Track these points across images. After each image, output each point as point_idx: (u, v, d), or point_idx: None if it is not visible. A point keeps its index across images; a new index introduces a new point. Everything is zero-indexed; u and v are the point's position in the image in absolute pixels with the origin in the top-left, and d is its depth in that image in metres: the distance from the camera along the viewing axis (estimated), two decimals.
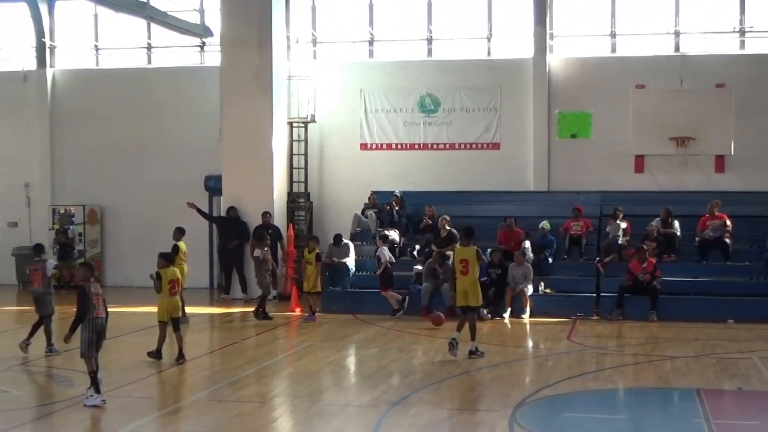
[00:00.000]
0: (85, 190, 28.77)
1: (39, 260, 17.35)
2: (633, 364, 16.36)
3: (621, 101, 25.50)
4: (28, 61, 29.27)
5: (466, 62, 26.94)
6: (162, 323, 16.23)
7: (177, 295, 16.54)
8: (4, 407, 13.07)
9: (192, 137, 27.94)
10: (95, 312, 13.20)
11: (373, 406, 13.04)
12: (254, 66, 25.33)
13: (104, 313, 13.43)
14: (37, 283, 16.95)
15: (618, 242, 22.91)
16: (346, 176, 27.26)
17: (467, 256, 16.60)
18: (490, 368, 15.73)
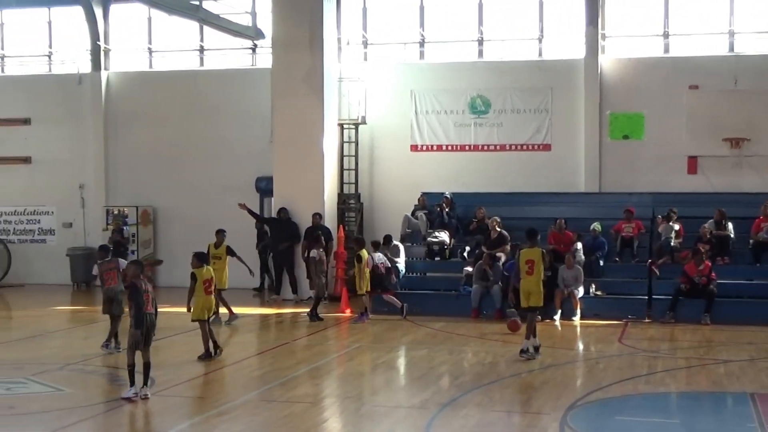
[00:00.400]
0: (138, 191, 29.08)
1: (111, 260, 17.64)
2: (686, 367, 16.20)
3: (674, 102, 25.31)
4: (83, 64, 29.64)
5: (517, 63, 26.84)
6: (201, 322, 16.35)
7: (212, 294, 16.84)
8: (59, 405, 13.25)
9: (243, 139, 28.12)
10: (145, 308, 13.41)
11: (423, 408, 13.04)
12: (305, 68, 25.44)
13: (153, 309, 13.68)
14: (112, 281, 17.19)
15: (671, 244, 22.70)
16: (397, 177, 27.28)
17: (533, 257, 16.92)
18: (540, 371, 15.67)
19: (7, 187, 30.12)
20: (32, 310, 24.12)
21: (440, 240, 24.24)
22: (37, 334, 20.09)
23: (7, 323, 23.29)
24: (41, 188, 29.94)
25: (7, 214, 30.27)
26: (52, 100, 29.79)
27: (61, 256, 28.83)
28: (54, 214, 30.03)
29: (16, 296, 27.37)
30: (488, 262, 22.09)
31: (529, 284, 16.90)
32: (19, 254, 29.58)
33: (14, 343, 19.09)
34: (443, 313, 21.81)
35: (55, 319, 22.68)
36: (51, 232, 30.08)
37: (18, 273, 29.39)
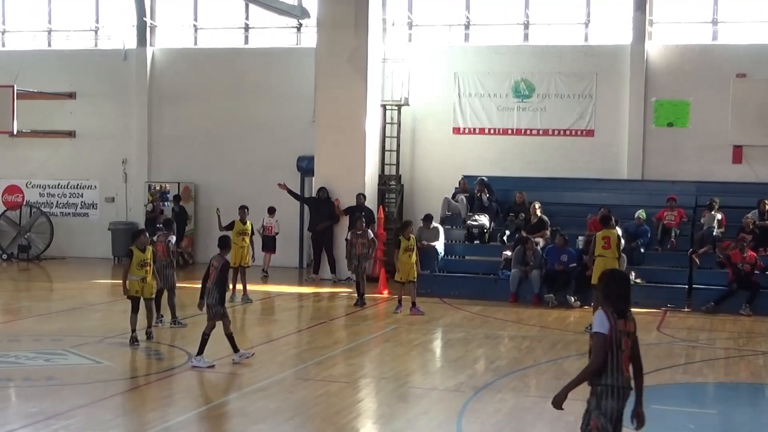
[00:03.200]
0: (180, 167, 29.21)
1: (163, 233, 17.79)
2: (724, 358, 16.09)
3: (720, 90, 25.02)
4: (128, 40, 29.77)
5: (562, 48, 26.64)
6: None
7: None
8: (98, 378, 13.40)
9: (286, 118, 28.15)
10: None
11: (458, 391, 13.04)
12: (350, 48, 25.42)
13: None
14: (161, 254, 17.35)
15: (713, 234, 22.49)
16: (438, 160, 27.20)
17: (610, 235, 17.86)
18: (577, 357, 15.59)
19: (51, 161, 30.40)
20: (73, 283, 24.39)
21: (480, 223, 24.18)
22: (78, 306, 20.32)
23: (48, 295, 23.58)
24: (85, 162, 30.17)
25: (50, 188, 30.54)
26: (97, 75, 29.97)
27: (103, 231, 29.09)
28: (97, 188, 30.26)
29: (57, 269, 27.67)
30: (530, 247, 22.00)
31: (606, 260, 17.47)
32: (61, 227, 29.87)
33: (54, 315, 19.32)
34: (481, 296, 21.78)
35: (95, 292, 22.91)
36: (93, 206, 30.33)
37: (60, 246, 29.70)
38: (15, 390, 12.90)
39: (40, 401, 11.99)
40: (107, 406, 11.98)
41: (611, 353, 7.63)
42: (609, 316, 7.66)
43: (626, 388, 7.70)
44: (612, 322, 7.64)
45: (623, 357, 7.64)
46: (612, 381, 7.66)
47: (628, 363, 7.71)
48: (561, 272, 21.49)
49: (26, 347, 15.43)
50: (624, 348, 7.66)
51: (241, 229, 21.07)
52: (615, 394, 7.64)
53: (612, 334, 7.61)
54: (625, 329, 7.71)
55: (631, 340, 7.75)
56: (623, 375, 7.66)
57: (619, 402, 7.67)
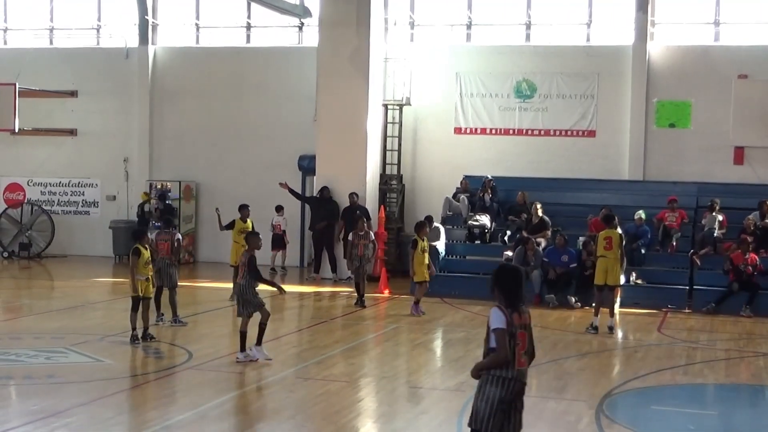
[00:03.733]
0: (182, 166, 29.22)
1: (168, 231, 17.79)
2: (725, 359, 16.09)
3: (722, 91, 25.01)
4: (130, 38, 29.78)
5: (564, 48, 26.64)
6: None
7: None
8: (98, 376, 13.41)
9: (287, 117, 28.16)
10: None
11: (459, 390, 13.03)
12: (352, 47, 25.42)
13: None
14: (164, 252, 17.35)
15: (714, 235, 22.48)
16: (439, 160, 27.21)
17: (612, 235, 17.77)
18: (577, 358, 15.62)
19: (53, 159, 30.40)
20: (74, 281, 24.40)
21: (481, 223, 24.19)
22: (78, 305, 20.32)
23: (49, 293, 23.58)
24: (86, 160, 30.17)
25: (51, 186, 30.55)
26: (99, 74, 29.97)
27: (104, 229, 29.09)
28: (98, 186, 30.27)
29: (58, 267, 27.68)
30: (531, 248, 21.99)
31: (607, 261, 17.66)
32: (62, 225, 29.87)
33: (55, 313, 19.33)
34: (482, 296, 21.69)
35: (96, 290, 22.92)
36: (94, 204, 30.34)
37: (61, 244, 29.71)
38: (16, 388, 12.90)
39: (41, 399, 12.00)
40: (108, 405, 11.98)
41: (509, 345, 7.85)
42: (504, 311, 7.86)
43: (515, 380, 7.94)
44: (507, 317, 7.84)
45: (517, 350, 7.87)
46: (501, 372, 7.91)
47: (521, 355, 7.92)
48: (561, 275, 21.48)
49: (27, 345, 15.43)
50: (519, 341, 7.89)
51: (242, 227, 21.04)
52: (501, 384, 7.90)
53: (508, 328, 7.82)
54: (520, 322, 7.91)
55: (527, 333, 7.98)
56: (516, 368, 7.90)
57: (502, 391, 7.91)
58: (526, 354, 8.00)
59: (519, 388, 8.02)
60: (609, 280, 17.82)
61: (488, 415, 7.98)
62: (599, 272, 17.92)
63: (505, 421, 8.03)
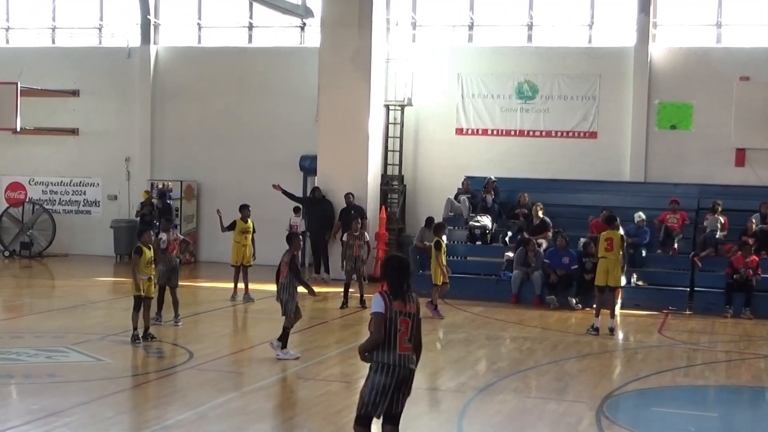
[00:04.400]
0: (183, 166, 29.22)
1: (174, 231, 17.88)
2: (725, 361, 16.09)
3: (724, 93, 24.95)
4: (132, 38, 29.78)
5: (566, 49, 26.62)
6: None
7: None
8: (99, 375, 13.42)
9: (289, 117, 28.16)
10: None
11: (459, 392, 13.05)
12: (353, 48, 25.43)
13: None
14: (175, 251, 17.39)
15: (715, 236, 22.47)
16: (441, 161, 27.20)
17: (612, 236, 17.78)
18: (578, 359, 15.62)
19: (54, 158, 30.41)
20: (75, 281, 24.41)
21: (482, 224, 24.19)
22: (79, 304, 20.33)
23: (50, 293, 23.59)
24: (88, 160, 30.18)
25: (53, 185, 30.56)
26: (100, 73, 29.98)
27: (105, 228, 29.08)
28: (99, 185, 30.27)
29: (59, 266, 27.69)
30: (532, 249, 21.99)
31: (608, 262, 17.71)
32: (63, 224, 29.87)
33: (56, 312, 19.34)
34: (483, 297, 21.78)
35: (97, 289, 22.93)
36: (96, 203, 30.34)
37: (62, 243, 29.71)
38: (16, 387, 12.90)
39: (42, 398, 12.00)
40: (108, 404, 11.98)
41: (386, 332, 8.24)
42: (384, 297, 8.27)
43: (400, 366, 8.31)
44: (387, 303, 8.24)
45: (399, 336, 8.23)
46: (384, 359, 8.29)
47: (404, 341, 8.29)
48: (562, 276, 21.49)
49: (28, 344, 15.44)
50: (401, 328, 8.27)
51: (243, 227, 21.10)
52: (386, 371, 8.28)
53: (387, 314, 8.20)
54: (405, 310, 8.31)
55: (412, 321, 8.35)
56: (397, 353, 8.27)
57: (388, 377, 8.30)
58: (410, 341, 8.33)
59: (404, 374, 8.38)
60: (610, 281, 17.83)
61: (372, 400, 8.37)
62: (600, 273, 17.93)
63: (390, 404, 8.40)
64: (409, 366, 8.39)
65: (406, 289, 8.39)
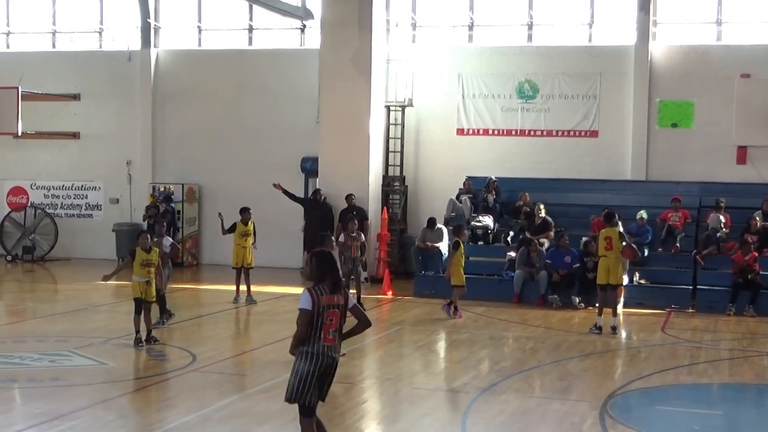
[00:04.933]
0: (185, 168, 29.23)
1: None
2: (729, 359, 16.08)
3: (725, 91, 24.98)
4: (132, 41, 29.78)
5: (566, 48, 26.61)
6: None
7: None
8: (102, 379, 13.42)
9: (290, 119, 28.16)
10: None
11: (462, 392, 13.05)
12: (353, 49, 25.44)
13: None
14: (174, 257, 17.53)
15: (717, 234, 22.47)
16: (442, 161, 27.19)
17: (611, 235, 17.79)
18: (581, 358, 15.61)
19: (56, 162, 30.43)
20: (77, 284, 24.41)
21: (484, 224, 24.19)
22: (82, 308, 20.35)
23: (53, 297, 23.60)
24: (89, 164, 30.19)
25: (55, 189, 30.57)
26: (101, 77, 29.99)
27: (107, 232, 29.09)
28: (101, 189, 30.28)
29: (61, 270, 27.69)
30: (534, 249, 21.98)
31: (608, 261, 17.75)
32: (65, 228, 29.88)
33: (59, 316, 19.35)
34: (485, 297, 21.74)
35: (99, 293, 22.89)
36: (98, 207, 30.35)
37: (64, 247, 29.73)
38: (19, 391, 12.92)
39: (45, 402, 12.01)
40: (111, 407, 11.99)
41: (314, 325, 8.73)
42: (313, 293, 8.75)
43: (324, 355, 8.80)
44: (315, 299, 8.72)
45: (325, 328, 8.72)
46: (309, 348, 8.79)
47: (329, 333, 8.78)
48: (564, 276, 21.48)
49: (31, 348, 15.45)
50: (328, 321, 8.75)
51: (243, 230, 21.12)
52: (310, 359, 8.76)
53: (315, 309, 8.70)
54: (334, 302, 8.78)
55: (341, 312, 8.85)
56: (321, 344, 8.77)
57: (312, 365, 8.78)
58: (336, 332, 8.82)
59: (328, 362, 8.85)
60: (611, 279, 17.83)
61: (297, 387, 8.83)
62: (601, 272, 17.94)
63: (315, 391, 8.86)
64: (332, 355, 8.86)
65: (333, 282, 8.82)
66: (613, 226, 18.12)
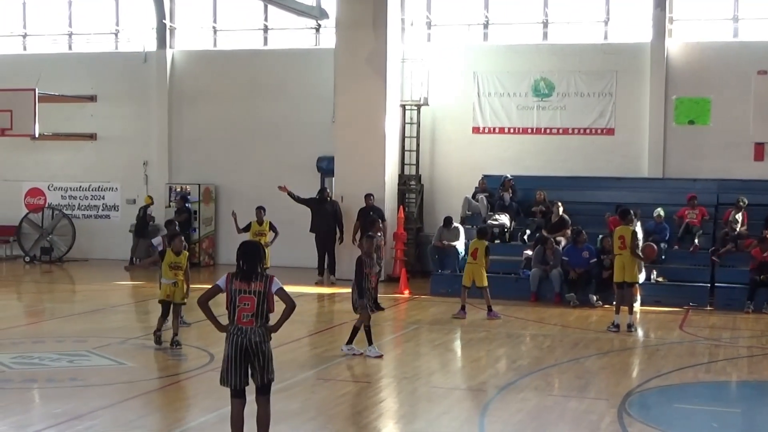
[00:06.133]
0: (201, 169, 29.31)
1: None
2: (747, 356, 16.01)
3: (742, 87, 24.88)
4: (148, 42, 29.89)
5: (582, 46, 26.55)
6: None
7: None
8: (121, 379, 13.46)
9: (306, 118, 28.19)
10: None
11: (480, 390, 13.04)
12: (369, 48, 25.44)
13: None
14: None
15: (735, 232, 22.37)
16: (458, 159, 27.17)
17: (624, 233, 17.72)
18: (599, 356, 15.58)
19: (73, 163, 30.56)
20: (95, 285, 24.50)
21: (500, 223, 24.15)
22: (100, 308, 20.42)
23: (71, 297, 23.69)
24: (106, 165, 30.30)
25: (72, 190, 30.71)
26: (117, 78, 30.11)
27: (124, 232, 29.20)
28: (118, 190, 30.41)
29: (79, 271, 27.81)
30: (550, 247, 21.95)
31: (623, 258, 17.74)
32: (83, 229, 30.00)
33: (77, 316, 19.41)
34: (502, 296, 21.67)
35: (117, 293, 23.00)
36: (115, 208, 30.47)
37: (82, 248, 29.85)
38: (39, 391, 12.97)
39: (64, 402, 12.05)
40: (130, 407, 12.02)
41: (230, 307, 9.46)
42: (228, 276, 9.47)
43: (236, 335, 9.45)
44: (228, 281, 9.44)
45: (238, 311, 9.38)
46: (230, 328, 9.51)
47: (243, 316, 9.41)
48: (581, 274, 21.42)
49: (50, 348, 15.50)
50: (241, 304, 9.38)
51: (258, 229, 21.16)
52: (228, 340, 9.50)
53: (227, 289, 9.43)
54: (249, 288, 9.37)
55: (258, 298, 9.38)
56: (235, 325, 9.43)
57: (230, 347, 9.48)
58: (253, 316, 9.36)
59: (244, 343, 9.40)
60: (626, 277, 17.81)
61: (223, 369, 9.57)
62: (617, 270, 17.94)
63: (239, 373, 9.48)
64: (249, 337, 9.39)
65: (248, 270, 9.38)
66: (627, 223, 18.09)
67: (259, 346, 9.45)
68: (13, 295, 24.01)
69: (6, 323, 18.22)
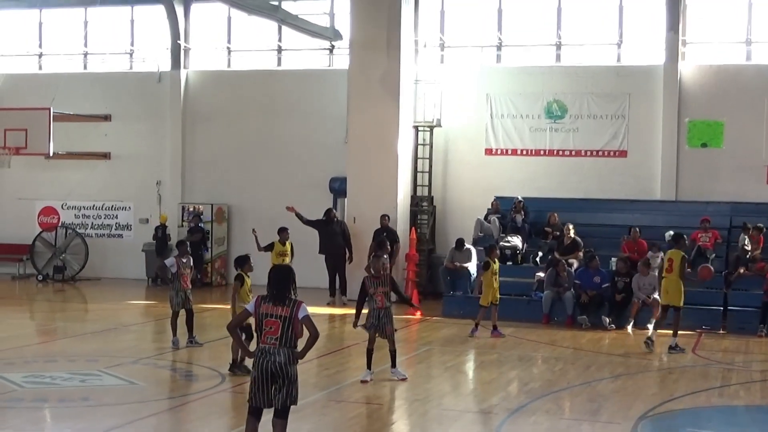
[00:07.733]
0: (214, 188, 29.40)
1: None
2: (761, 381, 15.93)
3: (755, 110, 24.89)
4: (163, 62, 30.05)
5: (594, 68, 26.58)
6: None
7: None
8: (132, 398, 13.46)
9: (319, 139, 28.27)
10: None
11: (492, 413, 13.01)
12: (382, 69, 25.52)
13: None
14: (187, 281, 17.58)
15: (747, 256, 22.30)
16: (470, 181, 27.18)
17: (674, 257, 17.99)
18: (611, 379, 15.53)
19: (87, 182, 30.67)
20: (107, 304, 24.54)
21: (513, 245, 24.13)
22: (112, 327, 20.45)
23: (83, 316, 23.74)
24: (119, 184, 30.41)
25: (85, 209, 30.81)
26: (132, 97, 30.26)
27: (137, 252, 29.27)
28: (131, 209, 30.49)
29: (92, 290, 27.86)
30: (562, 269, 21.91)
31: (668, 282, 17.96)
32: (96, 248, 30.07)
33: (89, 335, 19.44)
34: (514, 318, 21.65)
35: (129, 313, 23.03)
36: (128, 227, 30.55)
37: (94, 267, 29.91)
38: (50, 411, 12.98)
39: (76, 422, 12.07)
40: (142, 427, 12.04)
41: (258, 329, 9.56)
42: (258, 300, 9.58)
43: (263, 357, 9.43)
44: (257, 304, 9.55)
45: (264, 333, 9.46)
46: (256, 351, 9.53)
47: (267, 338, 9.46)
48: (593, 296, 21.38)
49: (61, 368, 15.53)
50: (266, 327, 9.45)
51: (281, 250, 21.21)
52: (255, 361, 9.48)
53: (255, 312, 9.53)
54: (275, 312, 9.45)
55: (283, 323, 9.45)
56: (259, 346, 9.50)
57: (254, 367, 9.50)
58: (277, 339, 9.40)
59: (266, 365, 9.40)
60: (671, 300, 18.06)
61: (250, 389, 9.57)
62: (663, 292, 18.31)
63: (268, 397, 9.48)
64: (274, 357, 9.39)
65: (277, 295, 9.51)
66: (679, 248, 18.29)
67: (284, 368, 9.45)
68: (26, 314, 24.07)
69: (18, 342, 18.27)
